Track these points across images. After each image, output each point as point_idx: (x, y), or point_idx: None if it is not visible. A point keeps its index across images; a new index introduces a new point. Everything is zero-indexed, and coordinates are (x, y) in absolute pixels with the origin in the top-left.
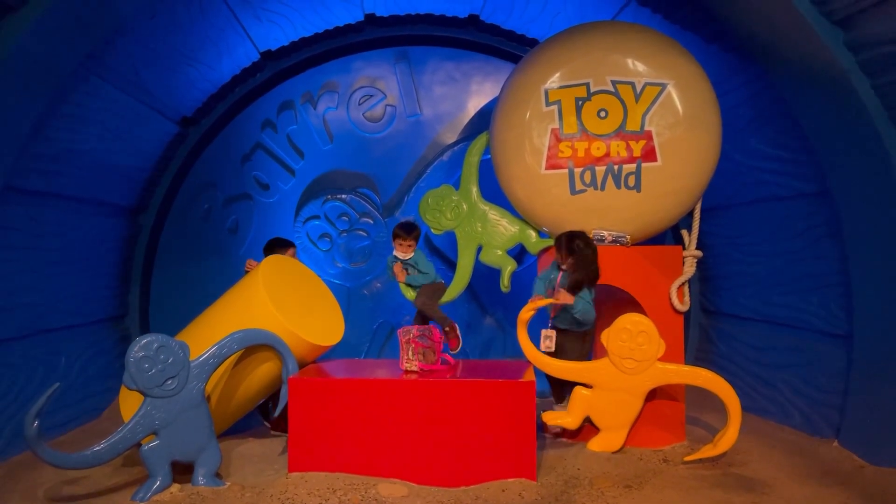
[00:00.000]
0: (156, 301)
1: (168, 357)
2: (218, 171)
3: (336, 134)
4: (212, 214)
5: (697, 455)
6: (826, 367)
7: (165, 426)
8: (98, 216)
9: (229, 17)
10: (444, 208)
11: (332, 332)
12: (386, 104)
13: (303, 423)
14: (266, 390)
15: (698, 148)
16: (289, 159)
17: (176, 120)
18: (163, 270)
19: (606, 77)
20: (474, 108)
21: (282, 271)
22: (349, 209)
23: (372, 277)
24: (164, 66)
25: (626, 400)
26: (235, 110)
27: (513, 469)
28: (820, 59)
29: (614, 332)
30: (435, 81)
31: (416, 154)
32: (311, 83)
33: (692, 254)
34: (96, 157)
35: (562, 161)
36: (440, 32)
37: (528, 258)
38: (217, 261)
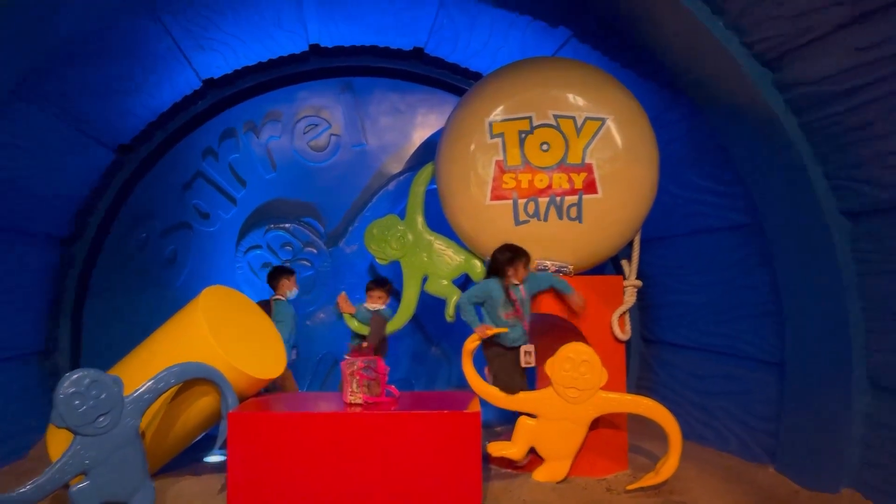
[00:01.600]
0: (88, 335)
1: (100, 393)
2: (156, 200)
3: (279, 163)
4: (149, 244)
5: (640, 483)
6: (761, 394)
7: (96, 465)
8: (25, 246)
9: (170, 44)
10: (389, 238)
11: (273, 364)
12: (330, 133)
13: (242, 459)
14: (204, 426)
15: (637, 180)
16: (230, 188)
17: (113, 148)
18: (96, 303)
19: (548, 111)
20: (419, 138)
21: (222, 302)
22: (292, 239)
23: (315, 308)
24: (101, 94)
25: (570, 429)
26: (175, 138)
27: (458, 501)
28: (750, 98)
29: (558, 361)
30: (380, 112)
31: (360, 183)
32: (255, 112)
33: (632, 283)
34: (25, 184)
35: (506, 192)
36: (385, 64)
37: None
38: (154, 292)
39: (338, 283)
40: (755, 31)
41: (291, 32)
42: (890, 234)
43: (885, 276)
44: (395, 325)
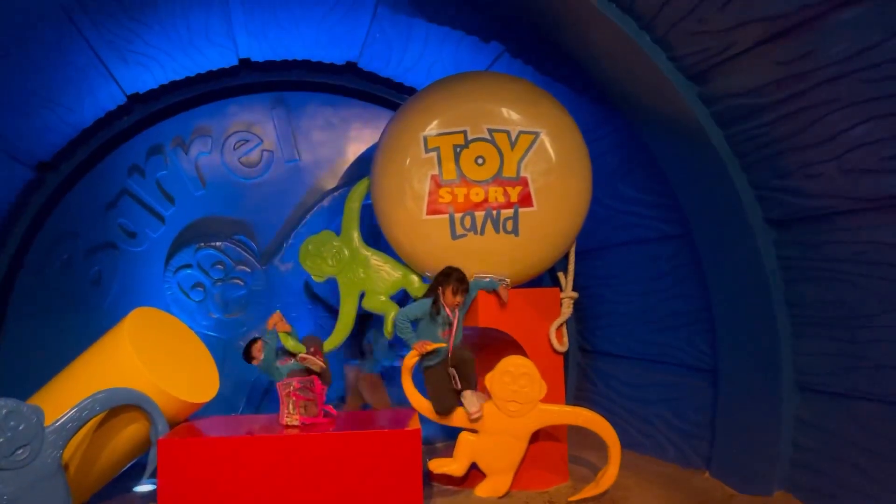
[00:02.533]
0: (5, 362)
1: (18, 423)
2: (79, 220)
3: (209, 179)
4: (72, 265)
5: (581, 495)
6: (695, 400)
7: (14, 501)
8: None
9: (91, 57)
10: (325, 254)
11: (205, 388)
12: (262, 149)
13: (174, 487)
14: (133, 454)
15: (571, 193)
16: (158, 206)
17: (32, 165)
18: (14, 327)
19: (483, 125)
20: (354, 153)
21: (151, 324)
22: (224, 257)
23: (249, 328)
24: (17, 108)
25: (511, 443)
26: (99, 155)
27: None
28: (677, 111)
29: (497, 375)
30: (313, 127)
31: (294, 200)
32: (183, 127)
33: (569, 295)
34: None
35: (442, 206)
36: (318, 79)
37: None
38: (77, 315)
39: (272, 302)
40: (681, 47)
41: (221, 46)
42: (814, 241)
43: (810, 283)
44: (333, 343)
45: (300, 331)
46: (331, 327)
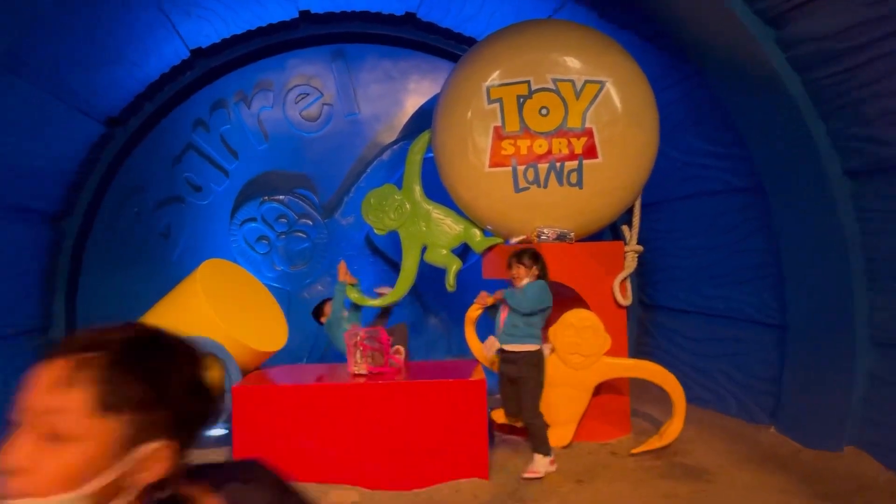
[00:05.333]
0: (83, 311)
1: None
2: (147, 174)
3: (272, 133)
4: (142, 218)
5: (644, 447)
6: (760, 355)
7: None
8: (16, 222)
9: (157, 13)
10: (386, 208)
11: (275, 337)
12: (323, 103)
13: (247, 431)
14: None
15: (637, 144)
16: (222, 160)
17: (101, 120)
18: (90, 278)
19: (547, 75)
20: (413, 106)
21: (221, 276)
22: (287, 211)
23: (313, 280)
24: (87, 64)
25: (574, 395)
26: (165, 110)
27: (465, 469)
28: (752, 57)
29: (560, 328)
30: (372, 80)
31: (355, 153)
32: (245, 81)
33: (633, 249)
34: (13, 159)
35: (505, 159)
36: (377, 30)
37: (473, 256)
38: (148, 267)
39: (335, 255)
40: None
41: None
42: (894, 192)
43: (888, 235)
44: (394, 296)
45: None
46: (392, 280)
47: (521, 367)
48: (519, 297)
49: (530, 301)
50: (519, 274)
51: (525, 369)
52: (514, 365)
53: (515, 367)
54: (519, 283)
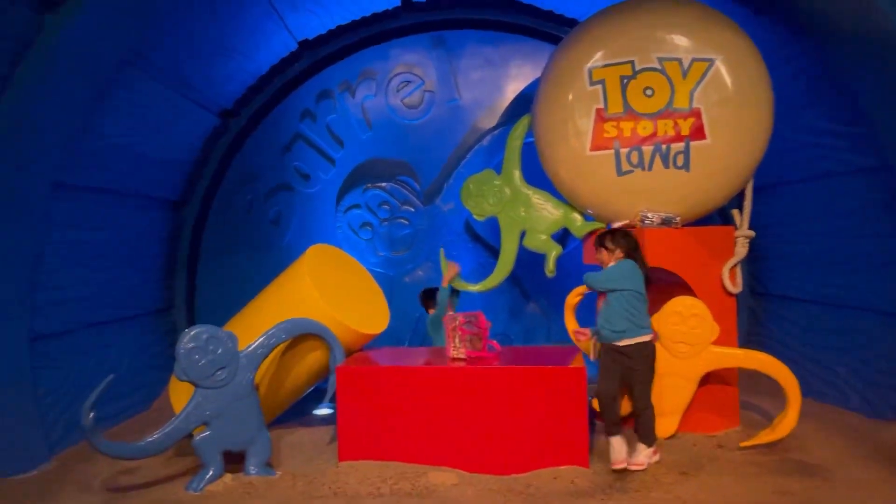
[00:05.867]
0: (201, 293)
1: (217, 348)
2: (259, 163)
3: (375, 121)
4: (254, 206)
5: (754, 440)
6: (885, 347)
7: (216, 416)
8: (143, 210)
9: (266, 7)
10: (486, 193)
11: (377, 320)
12: (424, 90)
13: (351, 411)
14: (314, 379)
15: (749, 124)
16: (329, 149)
17: (216, 112)
18: (207, 262)
19: (652, 54)
20: (514, 91)
21: (326, 261)
22: (389, 197)
23: (414, 266)
24: (203, 59)
25: (679, 384)
26: (274, 101)
27: (565, 456)
28: (878, 28)
29: (665, 315)
30: (473, 66)
31: (455, 140)
32: (349, 71)
33: (744, 234)
34: (139, 151)
35: (607, 142)
36: (477, 15)
37: (573, 242)
38: (260, 252)
39: (436, 241)
40: None
41: None
42: None
43: None
44: (493, 282)
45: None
46: (491, 266)
47: (635, 359)
48: (593, 276)
49: (601, 280)
50: (603, 259)
51: (638, 361)
52: (629, 358)
53: (630, 360)
54: (605, 265)
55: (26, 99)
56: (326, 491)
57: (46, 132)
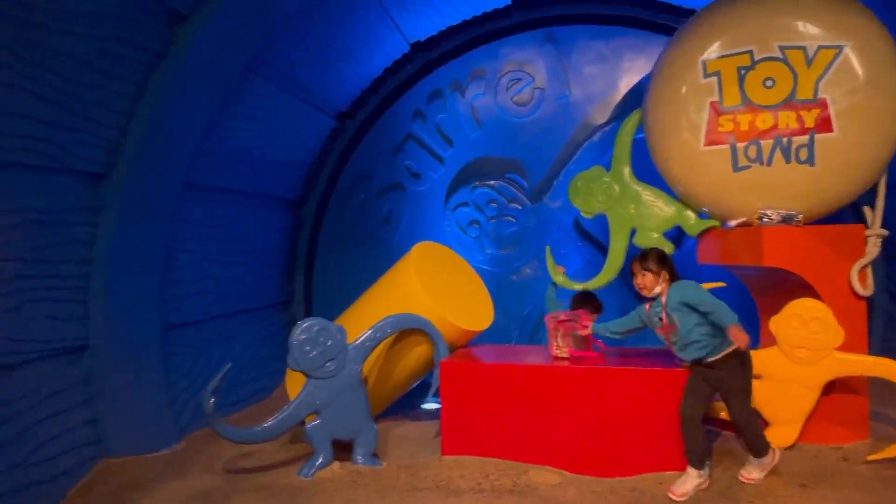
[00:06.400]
0: (318, 288)
1: (327, 340)
2: (372, 163)
3: (484, 120)
4: (367, 205)
5: (884, 454)
6: None
7: (326, 406)
8: (265, 209)
9: (379, 11)
10: (594, 190)
11: (481, 317)
12: (534, 87)
13: (454, 406)
14: (419, 374)
15: (881, 115)
16: (438, 148)
17: (332, 115)
18: (324, 259)
19: (773, 43)
20: (626, 86)
21: (433, 258)
22: (497, 195)
23: (521, 264)
24: (320, 64)
25: (799, 392)
26: (387, 102)
27: (672, 461)
28: None
29: (784, 318)
30: (584, 61)
31: (564, 137)
32: (459, 71)
33: (877, 232)
34: (261, 153)
35: (722, 136)
36: (588, 10)
37: (688, 241)
38: (373, 249)
39: (543, 239)
40: None
41: None
42: None
43: None
44: (601, 280)
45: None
46: (600, 265)
47: (725, 371)
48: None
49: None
50: (646, 284)
51: (728, 372)
52: (719, 371)
53: (720, 373)
54: (648, 292)
55: (159, 106)
56: (429, 483)
57: (177, 136)
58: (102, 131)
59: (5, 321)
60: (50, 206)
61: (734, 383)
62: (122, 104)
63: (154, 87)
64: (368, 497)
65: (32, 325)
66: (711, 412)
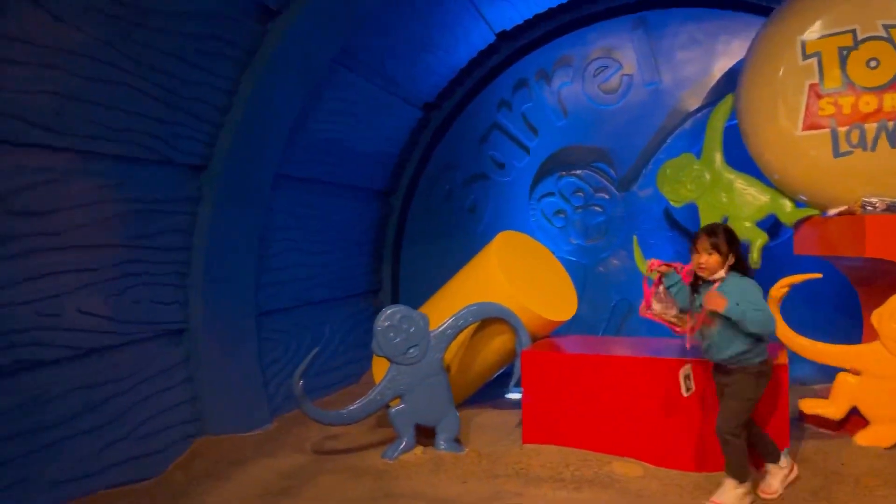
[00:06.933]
0: (405, 276)
1: (410, 326)
2: (457, 153)
3: (570, 109)
4: (452, 195)
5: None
6: None
7: (410, 391)
8: (354, 199)
9: (464, 1)
10: (684, 179)
11: (564, 307)
12: (622, 74)
13: (535, 395)
14: (501, 363)
15: None
16: (523, 137)
17: (418, 106)
18: (410, 248)
19: (877, 21)
20: (720, 70)
21: (515, 247)
22: (584, 185)
23: (608, 254)
24: (405, 55)
25: None
26: (473, 92)
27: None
28: None
29: (888, 312)
30: (675, 46)
31: (654, 125)
32: (546, 59)
33: None
34: (349, 144)
35: (822, 120)
36: None
37: (784, 231)
38: (457, 239)
39: (631, 229)
40: None
41: None
42: None
43: None
44: None
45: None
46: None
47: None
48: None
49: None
50: (710, 265)
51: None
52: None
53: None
54: (710, 275)
55: (252, 100)
56: (509, 471)
57: (270, 129)
58: (201, 125)
59: (114, 304)
60: (154, 196)
61: (737, 393)
62: (218, 99)
63: (247, 81)
64: (450, 481)
65: (138, 308)
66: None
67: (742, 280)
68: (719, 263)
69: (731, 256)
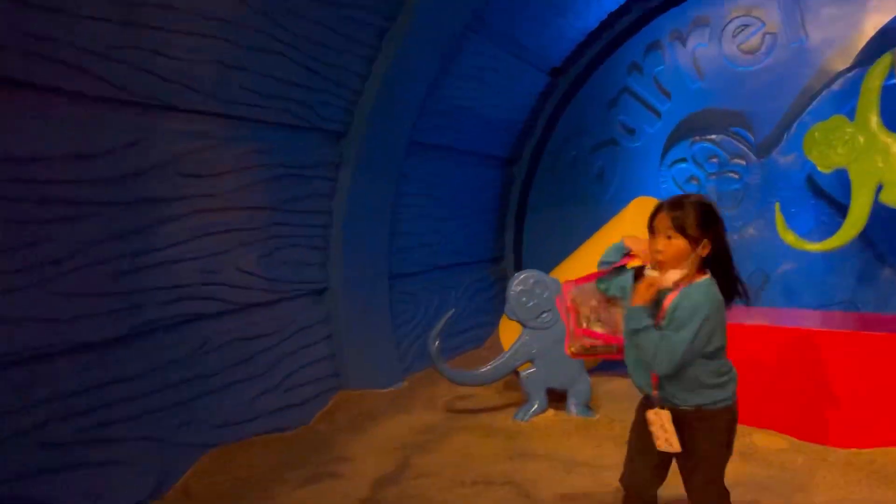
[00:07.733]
0: (528, 244)
1: (543, 291)
2: (585, 119)
3: (706, 71)
4: (578, 161)
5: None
6: None
7: (541, 356)
8: (480, 167)
9: None
10: (834, 142)
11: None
12: (764, 32)
13: None
14: None
15: None
16: (655, 101)
17: (546, 71)
18: (534, 216)
19: None
20: (873, 27)
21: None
22: (719, 150)
23: (744, 223)
24: (535, 20)
25: None
26: (602, 56)
27: None
28: None
29: None
30: (823, 2)
31: (798, 85)
32: (680, 20)
33: None
34: (478, 111)
35: None
36: None
37: None
38: (584, 207)
39: (769, 197)
40: None
41: None
42: None
43: None
44: (839, 241)
45: (803, 228)
46: (835, 225)
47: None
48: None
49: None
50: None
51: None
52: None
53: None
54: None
55: (389, 67)
56: None
57: (405, 96)
58: (343, 92)
59: (265, 264)
60: (299, 161)
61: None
62: (359, 66)
63: (385, 49)
64: (582, 443)
65: (286, 268)
66: None
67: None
68: (684, 254)
69: (706, 244)
